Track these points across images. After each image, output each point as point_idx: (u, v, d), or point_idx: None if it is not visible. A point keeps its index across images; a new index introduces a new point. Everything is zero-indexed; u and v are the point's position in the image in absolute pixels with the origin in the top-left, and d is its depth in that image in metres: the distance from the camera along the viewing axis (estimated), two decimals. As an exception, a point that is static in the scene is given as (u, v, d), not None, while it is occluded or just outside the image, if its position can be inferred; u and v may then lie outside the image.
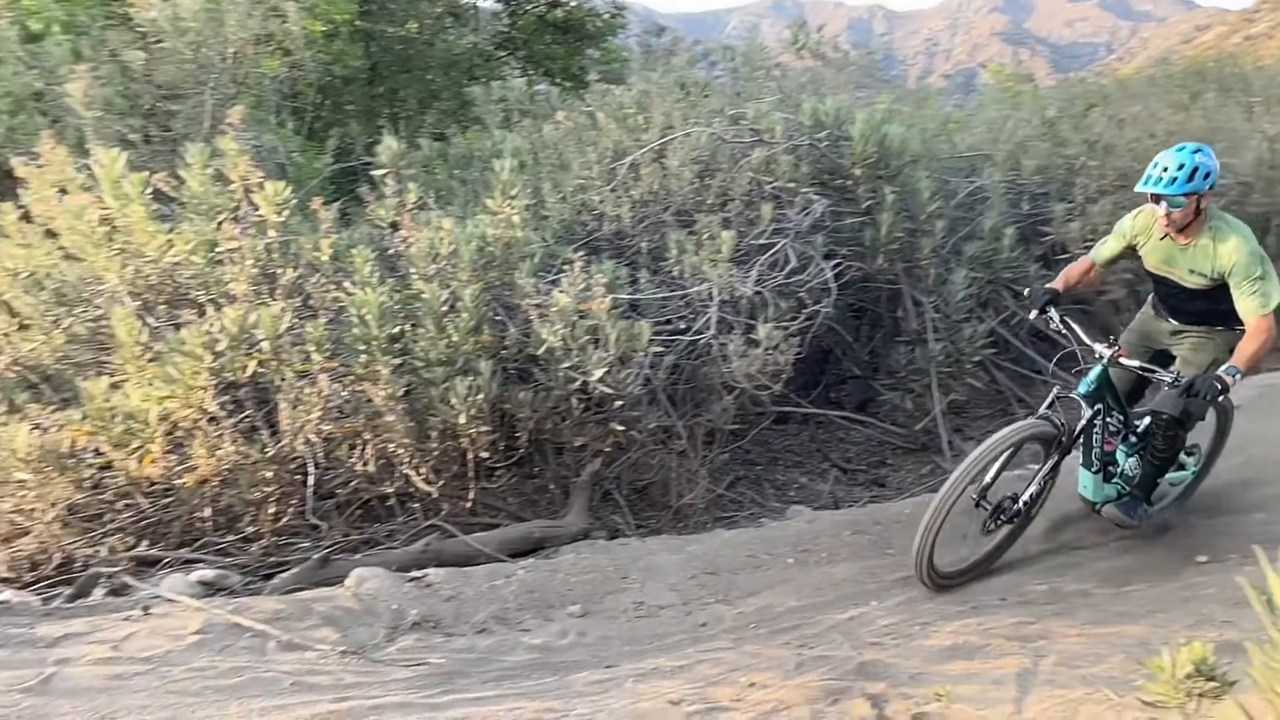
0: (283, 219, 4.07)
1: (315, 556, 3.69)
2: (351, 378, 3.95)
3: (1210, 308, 3.73)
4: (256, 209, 4.03)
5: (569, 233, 4.96)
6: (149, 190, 3.96)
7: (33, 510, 3.49)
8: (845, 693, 2.96)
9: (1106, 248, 3.95)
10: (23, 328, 3.88)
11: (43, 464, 3.46)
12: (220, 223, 4.05)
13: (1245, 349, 3.56)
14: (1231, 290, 3.61)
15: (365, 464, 3.96)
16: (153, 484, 3.66)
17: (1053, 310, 3.79)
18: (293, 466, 3.84)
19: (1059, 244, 6.06)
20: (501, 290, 4.35)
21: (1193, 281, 3.71)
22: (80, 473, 3.57)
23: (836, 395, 5.69)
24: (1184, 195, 3.55)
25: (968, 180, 6.24)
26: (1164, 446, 3.88)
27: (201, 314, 3.87)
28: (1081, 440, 3.81)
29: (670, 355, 4.47)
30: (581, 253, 4.40)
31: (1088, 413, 3.73)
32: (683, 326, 4.57)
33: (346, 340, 3.95)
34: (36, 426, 3.51)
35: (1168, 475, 4.12)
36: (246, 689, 2.80)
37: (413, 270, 4.18)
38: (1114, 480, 3.94)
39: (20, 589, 3.39)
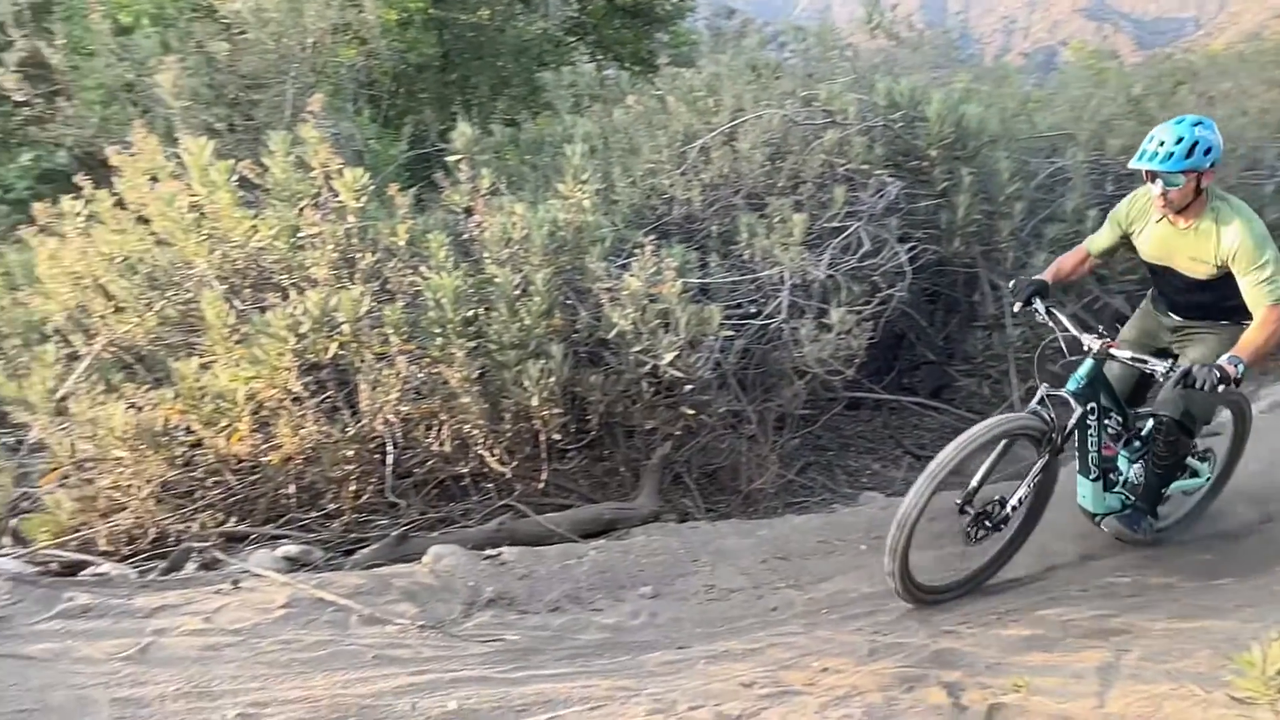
0: (361, 205, 4.15)
1: (394, 534, 3.78)
2: (428, 360, 4.02)
3: (1215, 301, 3.41)
4: (336, 195, 4.13)
5: (639, 217, 4.97)
6: (234, 177, 4.09)
7: (129, 486, 3.65)
8: (920, 680, 2.93)
9: (1101, 236, 3.67)
10: (118, 310, 4.04)
11: (138, 441, 3.62)
12: (302, 209, 4.16)
13: (1251, 338, 3.24)
14: (1237, 279, 3.28)
15: (441, 444, 4.04)
16: (240, 461, 3.79)
17: (1038, 301, 3.51)
18: (372, 446, 3.94)
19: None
20: (573, 274, 4.38)
21: (1194, 271, 3.39)
22: (173, 450, 3.72)
23: (910, 381, 5.60)
24: (1182, 173, 3.23)
25: (1048, 161, 6.06)
26: (1167, 452, 3.56)
27: (285, 297, 3.98)
28: (1077, 444, 3.49)
29: (740, 339, 4.46)
30: (652, 237, 4.40)
31: (1078, 411, 3.41)
32: (753, 310, 4.55)
33: (423, 323, 4.03)
34: (132, 405, 3.66)
35: (1180, 484, 3.80)
36: (331, 661, 2.90)
37: (486, 255, 4.24)
38: (1116, 490, 3.62)
39: (119, 562, 3.56)
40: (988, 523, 3.39)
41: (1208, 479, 3.93)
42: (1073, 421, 3.40)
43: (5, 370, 3.89)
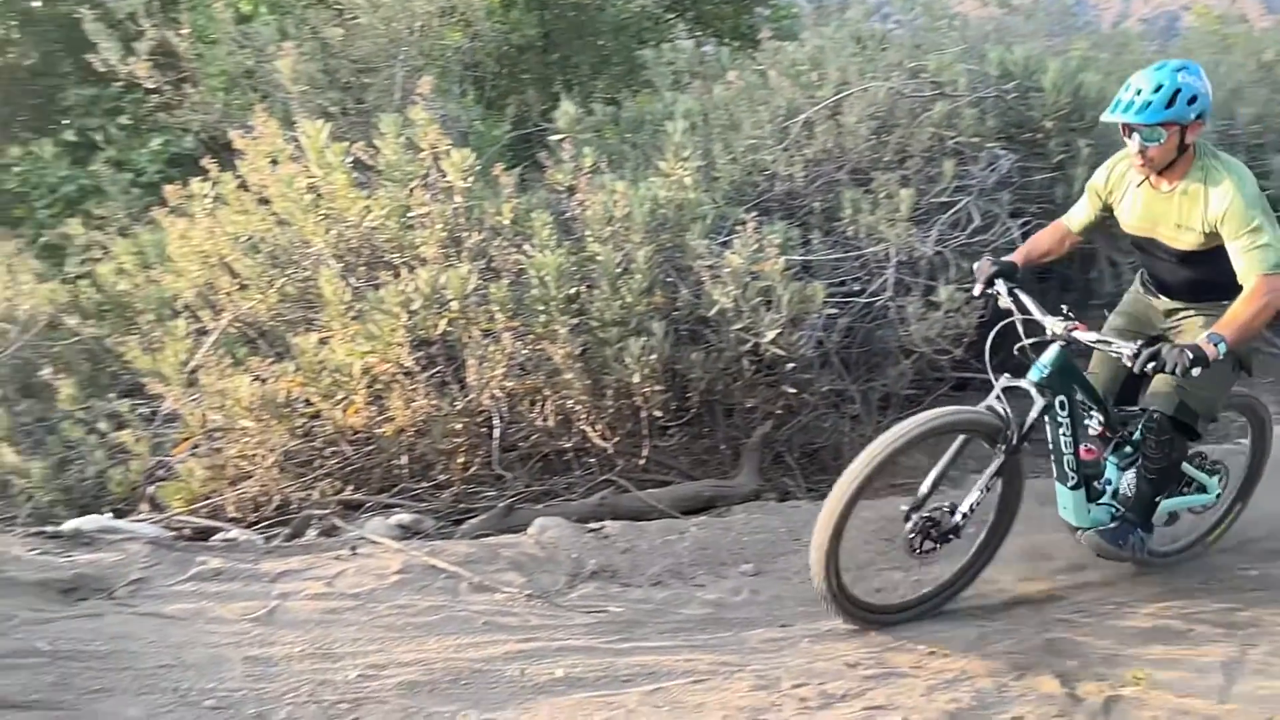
0: (468, 185, 4.24)
1: (500, 505, 3.88)
2: (532, 336, 4.10)
3: (1209, 277, 2.95)
4: (444, 175, 4.22)
5: (740, 194, 4.93)
6: (349, 159, 4.23)
7: (254, 455, 3.84)
8: (1032, 668, 2.88)
9: (1080, 209, 3.27)
10: (242, 287, 4.23)
11: (263, 412, 3.80)
12: (412, 189, 4.27)
13: (1236, 313, 2.80)
14: (1226, 246, 2.85)
15: (545, 419, 4.12)
16: (356, 433, 3.95)
17: (1000, 284, 3.11)
18: (480, 419, 4.04)
19: (1278, 198, 5.50)
20: (673, 252, 4.38)
21: (1182, 241, 2.96)
22: (294, 421, 3.89)
23: (1022, 361, 5.41)
24: (1161, 125, 2.80)
25: (1172, 131, 5.74)
26: (1158, 454, 3.09)
27: (396, 275, 4.11)
28: (1050, 446, 3.07)
29: (844, 317, 4.39)
30: (753, 213, 4.36)
31: (1039, 403, 2.99)
32: (857, 288, 4.46)
33: (527, 301, 4.10)
34: (257, 378, 3.84)
35: (1182, 500, 3.37)
36: (443, 626, 3.01)
37: (588, 233, 4.27)
38: (1104, 501, 3.19)
39: (246, 528, 3.75)
40: (934, 532, 3.02)
41: (1217, 495, 3.47)
42: (1033, 415, 2.99)
43: (141, 344, 4.12)
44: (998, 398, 3.01)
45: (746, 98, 5.37)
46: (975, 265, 3.28)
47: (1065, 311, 3.04)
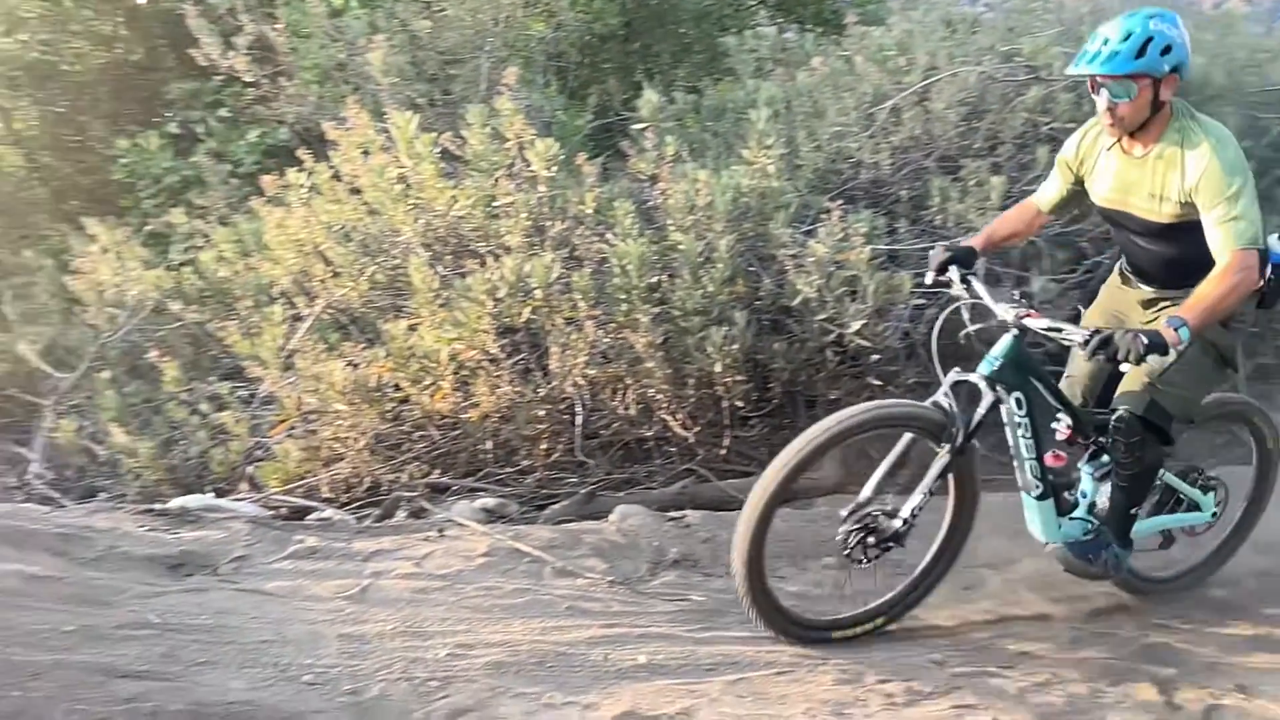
0: (551, 174, 4.29)
1: (582, 491, 3.94)
2: (614, 325, 4.13)
3: (1188, 257, 2.63)
4: (529, 165, 4.28)
5: (824, 182, 4.87)
6: (437, 149, 4.31)
7: (347, 438, 3.97)
8: (1129, 674, 2.80)
9: (1050, 185, 3.01)
10: (335, 275, 4.36)
11: (355, 396, 3.92)
12: (497, 179, 4.34)
13: (1202, 294, 2.51)
14: (1201, 217, 2.57)
15: (627, 408, 4.15)
16: (443, 418, 4.04)
17: (954, 270, 2.88)
18: (562, 407, 4.10)
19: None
20: (756, 241, 4.36)
21: (1158, 214, 2.67)
22: (384, 405, 4.01)
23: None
24: (1131, 77, 2.53)
25: (1283, 116, 5.47)
26: (1127, 460, 2.80)
27: (482, 264, 4.18)
28: (1011, 453, 2.81)
29: (932, 308, 4.30)
30: (838, 202, 4.31)
31: (988, 398, 2.75)
32: (944, 279, 4.37)
33: (609, 289, 4.14)
34: (349, 363, 3.96)
35: (1175, 517, 3.11)
36: (528, 609, 3.06)
37: (670, 222, 4.28)
38: (1077, 515, 2.93)
39: (339, 508, 3.88)
40: (872, 539, 2.80)
41: (1213, 515, 3.19)
42: (981, 412, 2.77)
43: (240, 329, 4.28)
44: (945, 393, 2.80)
45: (831, 84, 5.29)
46: (932, 250, 3.06)
47: (1018, 298, 2.83)
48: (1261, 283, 2.72)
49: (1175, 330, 2.48)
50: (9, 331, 4.81)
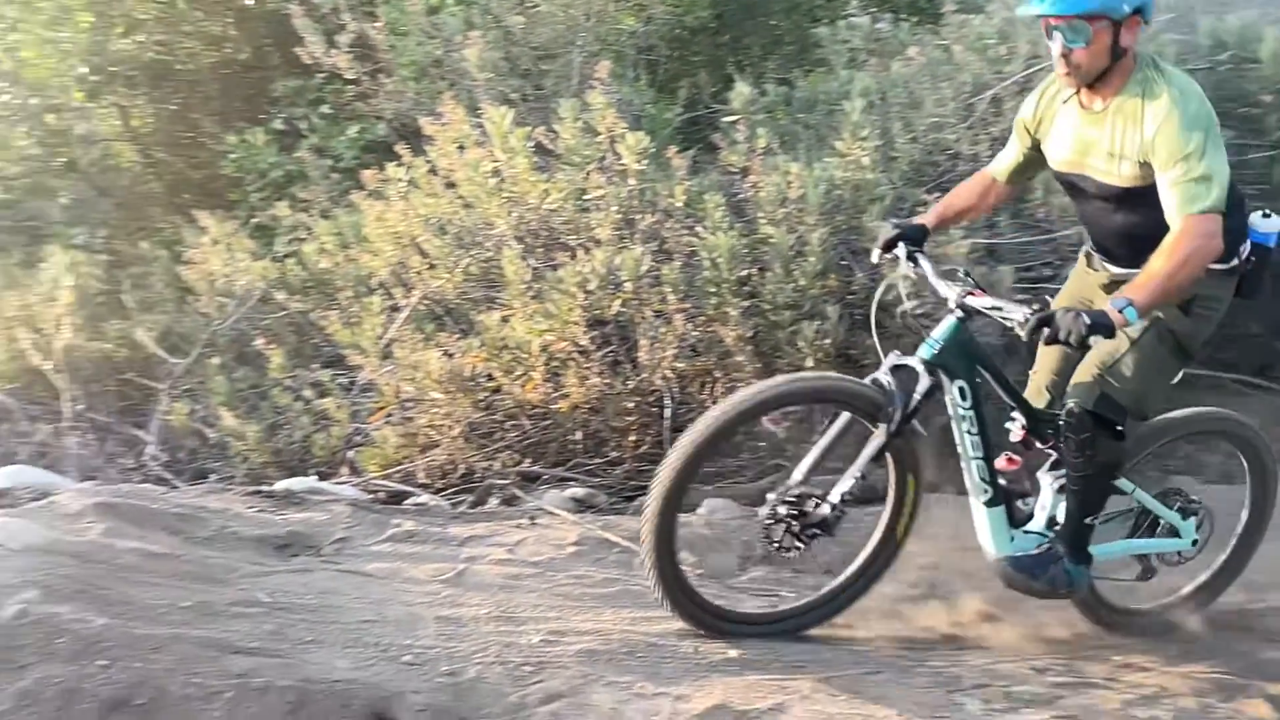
0: (642, 167, 4.31)
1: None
2: (703, 318, 4.14)
3: (1151, 228, 2.36)
4: (619, 158, 4.30)
5: (920, 174, 4.78)
6: (530, 143, 4.38)
7: (442, 426, 4.07)
8: (1241, 690, 2.68)
9: (1007, 151, 2.78)
10: (431, 267, 4.47)
11: (450, 385, 4.02)
12: (588, 172, 4.38)
13: (1152, 269, 2.28)
14: (1157, 178, 2.32)
15: (715, 401, 4.13)
16: (534, 408, 4.11)
17: (901, 248, 2.67)
18: (651, 399, 4.12)
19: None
20: (849, 234, 4.32)
21: (1114, 176, 2.41)
22: (477, 395, 4.10)
23: (1226, 356, 5.00)
24: (1086, 19, 2.28)
25: None
26: (1077, 459, 2.55)
27: (573, 256, 4.23)
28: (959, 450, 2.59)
29: (1034, 304, 4.17)
30: (935, 194, 4.23)
31: (923, 383, 2.54)
32: (1048, 274, 4.25)
33: (698, 282, 4.14)
34: (445, 352, 4.07)
35: (1150, 542, 2.85)
36: (618, 599, 3.08)
37: (761, 215, 4.26)
38: (1033, 530, 2.70)
39: (434, 493, 3.99)
40: (795, 525, 2.62)
41: (1193, 543, 2.90)
42: (919, 395, 2.56)
43: (340, 319, 4.43)
44: (887, 373, 2.61)
45: (928, 74, 5.18)
46: (882, 228, 2.86)
47: (964, 276, 2.61)
48: (1236, 262, 2.52)
49: (1120, 311, 2.28)
50: (128, 319, 5.06)
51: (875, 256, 2.86)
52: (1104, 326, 2.28)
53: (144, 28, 6.66)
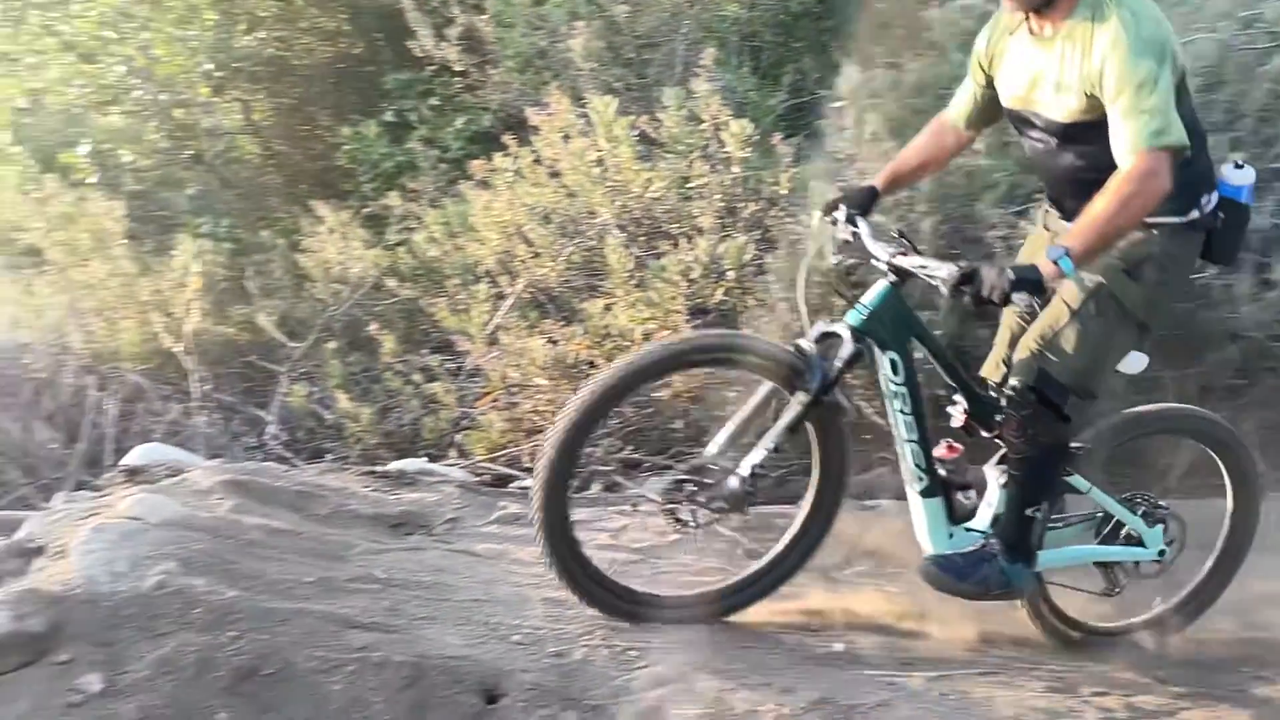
0: (745, 155, 4.28)
1: (773, 475, 3.91)
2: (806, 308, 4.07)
3: (1099, 171, 2.13)
4: (723, 146, 4.28)
5: (1035, 160, 4.59)
6: (634, 132, 4.40)
7: (546, 411, 4.14)
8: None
9: (962, 92, 2.52)
10: (535, 255, 4.55)
11: (554, 371, 4.09)
12: (691, 160, 4.38)
13: (1094, 213, 2.06)
14: (1106, 110, 2.09)
15: (817, 393, 4.09)
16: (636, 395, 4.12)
17: (841, 210, 2.45)
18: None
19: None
20: (961, 222, 4.18)
21: (1063, 112, 2.19)
22: (581, 381, 4.13)
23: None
24: None
25: None
26: (1018, 442, 2.33)
27: (675, 245, 4.24)
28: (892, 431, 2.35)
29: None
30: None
31: (847, 349, 2.34)
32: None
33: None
34: (549, 340, 4.13)
35: (1113, 549, 2.59)
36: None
37: (868, 203, 4.17)
38: (975, 527, 2.47)
39: (539, 478, 4.05)
40: (699, 498, 2.44)
41: (1160, 554, 2.63)
42: (840, 363, 2.36)
43: (448, 306, 4.54)
44: (811, 341, 2.43)
45: (1045, 56, 4.99)
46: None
47: (898, 235, 2.41)
48: (1197, 214, 2.26)
49: (1055, 261, 2.06)
50: (250, 304, 5.30)
51: (815, 220, 2.65)
52: (1030, 281, 2.08)
53: (264, 24, 6.96)
